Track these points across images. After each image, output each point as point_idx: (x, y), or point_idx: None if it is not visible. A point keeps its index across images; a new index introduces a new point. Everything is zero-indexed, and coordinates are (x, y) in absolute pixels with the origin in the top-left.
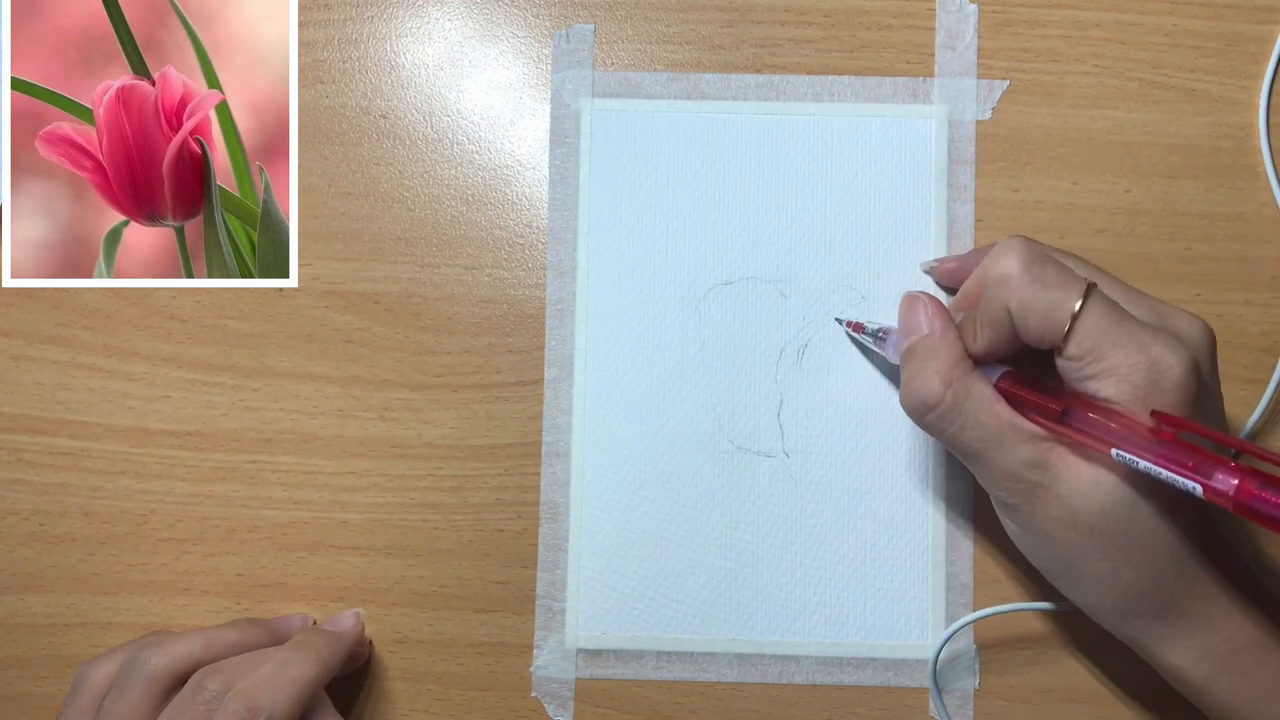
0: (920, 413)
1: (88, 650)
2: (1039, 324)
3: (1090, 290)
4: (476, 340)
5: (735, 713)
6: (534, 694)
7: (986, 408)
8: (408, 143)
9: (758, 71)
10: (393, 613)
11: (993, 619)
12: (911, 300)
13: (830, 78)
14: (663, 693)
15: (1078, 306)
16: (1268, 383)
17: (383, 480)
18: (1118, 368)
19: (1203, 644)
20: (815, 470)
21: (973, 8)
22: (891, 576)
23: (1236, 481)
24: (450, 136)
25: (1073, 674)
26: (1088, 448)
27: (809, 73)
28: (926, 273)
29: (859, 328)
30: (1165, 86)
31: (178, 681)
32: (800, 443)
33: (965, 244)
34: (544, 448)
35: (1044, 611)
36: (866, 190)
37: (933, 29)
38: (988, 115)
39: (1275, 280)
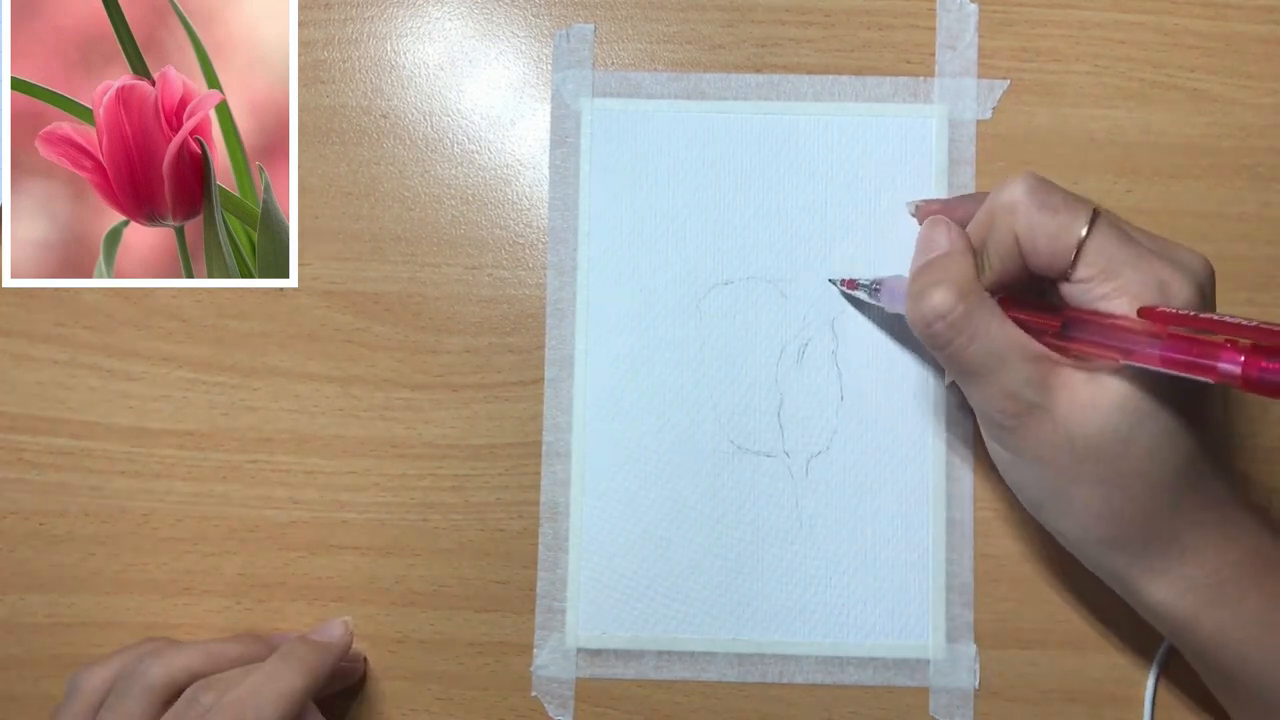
0: (929, 321)
1: (88, 650)
2: (1047, 248)
3: (1097, 214)
4: (476, 340)
5: (735, 713)
6: (534, 694)
7: (995, 323)
8: (408, 143)
9: (758, 71)
10: (393, 613)
11: (993, 618)
12: (934, 221)
13: (830, 77)
14: (663, 693)
15: (1085, 230)
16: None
17: (383, 480)
18: (1129, 285)
19: (1189, 577)
20: (815, 470)
21: (973, 7)
22: (891, 576)
23: (1243, 358)
24: (450, 136)
25: (1073, 674)
26: (1091, 357)
27: (809, 72)
28: (913, 214)
29: (852, 284)
30: (1165, 86)
31: (175, 693)
32: (800, 443)
33: None
34: (544, 447)
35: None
36: (866, 190)
37: (933, 29)
38: (988, 115)
39: (1275, 280)
